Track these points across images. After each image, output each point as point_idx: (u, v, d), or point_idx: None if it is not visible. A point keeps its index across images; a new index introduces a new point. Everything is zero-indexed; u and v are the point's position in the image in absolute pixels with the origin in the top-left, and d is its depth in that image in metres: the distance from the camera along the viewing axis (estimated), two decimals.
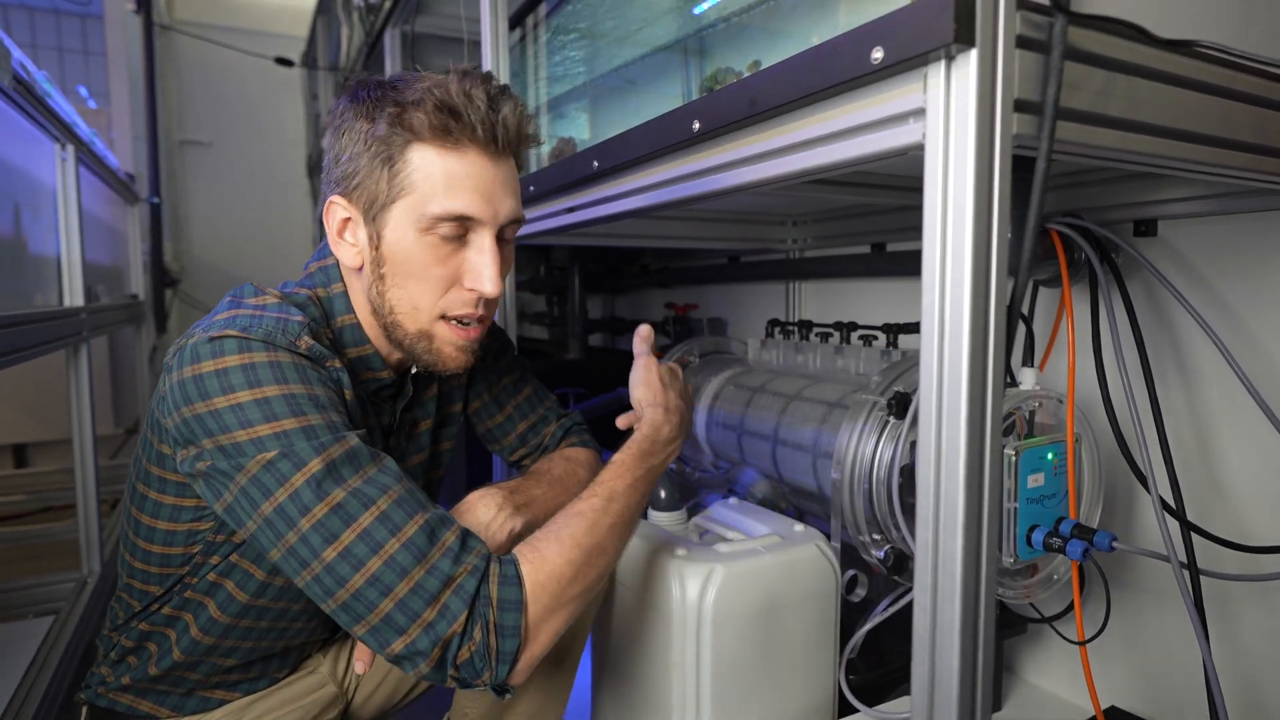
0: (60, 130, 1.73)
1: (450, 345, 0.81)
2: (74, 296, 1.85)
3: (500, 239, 0.80)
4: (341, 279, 0.84)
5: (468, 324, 0.81)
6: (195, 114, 4.90)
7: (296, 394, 0.68)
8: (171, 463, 0.73)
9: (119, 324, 2.59)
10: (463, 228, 0.77)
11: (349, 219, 0.80)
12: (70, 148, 1.82)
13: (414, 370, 0.90)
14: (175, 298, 4.53)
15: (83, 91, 4.16)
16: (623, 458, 0.84)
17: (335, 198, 0.79)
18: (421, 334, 0.80)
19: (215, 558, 0.79)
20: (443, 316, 0.80)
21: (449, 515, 0.72)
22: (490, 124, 0.75)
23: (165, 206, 4.08)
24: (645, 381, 0.94)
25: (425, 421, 0.96)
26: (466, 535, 0.70)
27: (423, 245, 0.76)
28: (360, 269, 0.81)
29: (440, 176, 0.75)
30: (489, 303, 0.81)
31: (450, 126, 0.74)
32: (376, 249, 0.78)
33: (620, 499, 0.79)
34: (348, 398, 0.76)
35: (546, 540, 0.72)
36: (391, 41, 2.41)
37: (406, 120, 0.74)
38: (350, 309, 0.83)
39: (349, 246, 0.80)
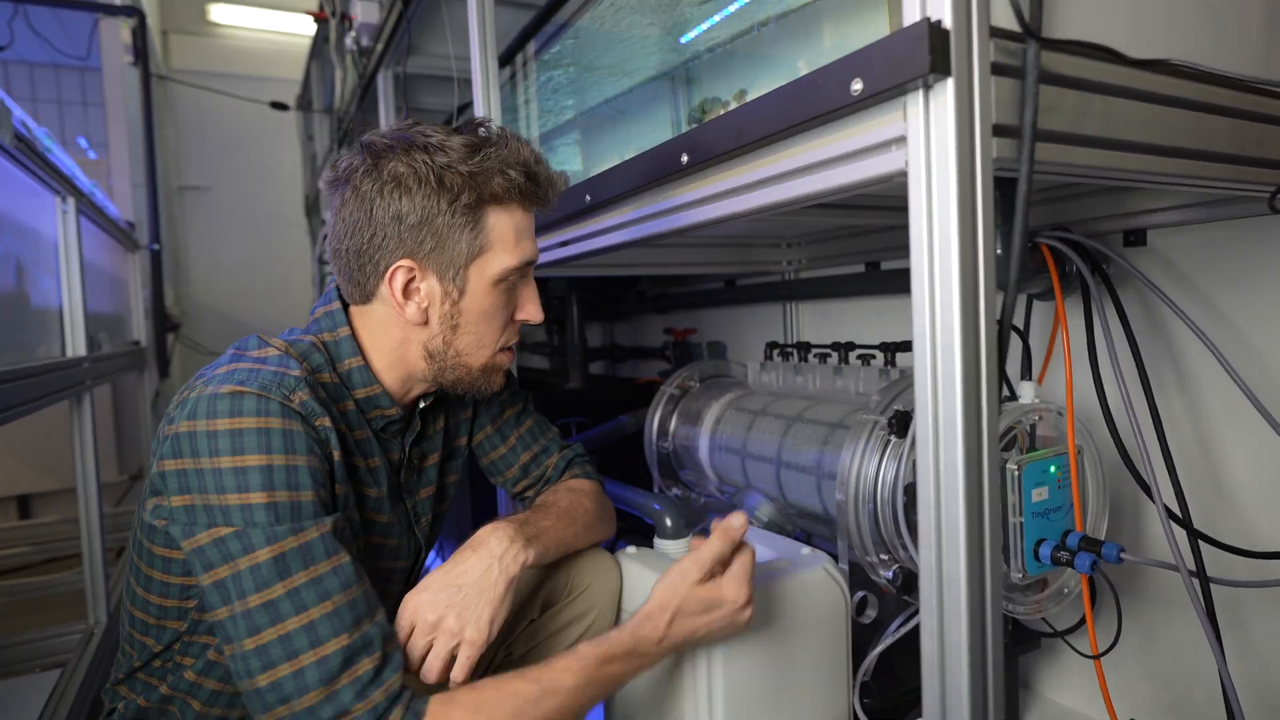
0: (61, 184, 1.75)
1: (502, 371, 0.91)
2: (76, 347, 1.86)
3: None
4: (349, 323, 0.86)
5: (512, 348, 0.92)
6: (193, 160, 4.97)
7: (275, 465, 0.70)
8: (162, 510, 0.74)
9: (121, 371, 2.60)
10: (523, 271, 0.87)
11: (413, 278, 0.82)
12: (71, 200, 1.85)
13: (422, 405, 0.92)
14: (177, 342, 4.55)
15: (82, 143, 4.22)
16: (585, 651, 0.76)
17: (405, 261, 0.81)
18: (485, 369, 0.88)
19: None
20: (502, 349, 0.90)
21: (377, 638, 0.70)
22: (549, 180, 0.86)
23: (165, 252, 4.11)
24: (671, 587, 0.80)
25: (433, 455, 0.98)
26: (383, 667, 0.70)
27: (496, 294, 0.85)
28: (424, 323, 0.85)
29: (511, 232, 0.83)
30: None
31: (529, 189, 0.83)
32: (455, 304, 0.84)
33: (557, 698, 0.72)
34: (336, 458, 0.76)
35: (463, 706, 0.70)
36: (384, 83, 2.45)
37: (490, 187, 0.80)
38: (357, 352, 0.85)
39: (415, 305, 0.84)
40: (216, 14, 5.09)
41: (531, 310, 0.90)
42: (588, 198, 1.09)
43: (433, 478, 0.97)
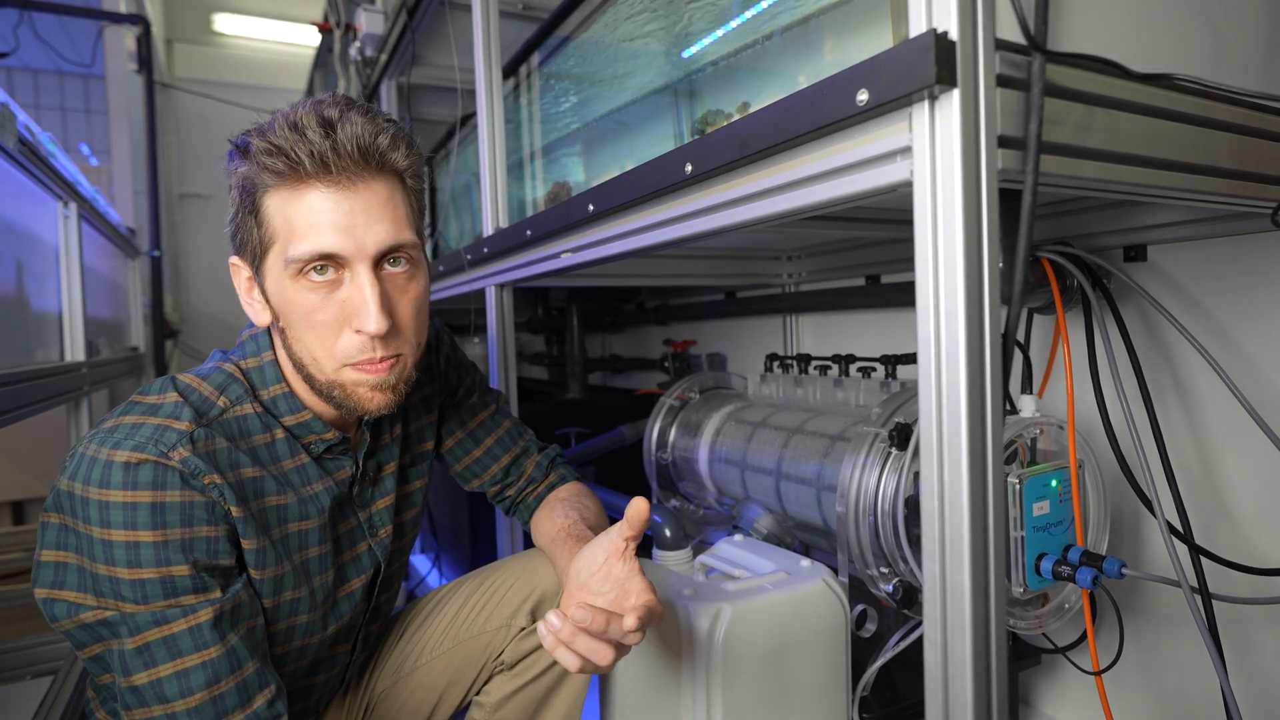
0: (63, 189, 1.76)
1: (363, 387, 0.75)
2: (75, 351, 1.86)
3: (386, 265, 0.75)
4: (271, 346, 0.81)
5: (374, 365, 0.75)
6: (195, 168, 4.99)
7: (142, 543, 0.67)
8: None
9: (120, 377, 2.60)
10: (334, 266, 0.72)
11: (249, 276, 0.78)
12: (73, 205, 1.85)
13: (365, 418, 0.88)
14: (175, 348, 4.55)
15: (84, 149, 4.24)
16: None
17: (233, 258, 0.78)
18: (331, 384, 0.76)
19: None
20: (344, 365, 0.75)
21: None
22: (323, 153, 0.70)
23: (165, 259, 4.12)
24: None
25: (390, 465, 0.93)
26: None
27: (299, 292, 0.73)
28: (270, 325, 0.79)
29: (293, 219, 0.71)
30: (387, 340, 0.75)
31: (281, 168, 0.70)
32: (266, 303, 0.77)
33: None
34: (236, 513, 0.72)
35: None
36: (388, 93, 2.47)
37: (253, 170, 0.73)
38: (280, 377, 0.80)
39: (255, 304, 0.79)
40: (221, 24, 5.13)
41: (362, 318, 0.72)
42: (591, 207, 1.09)
43: (390, 487, 0.93)
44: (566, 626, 0.68)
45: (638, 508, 0.74)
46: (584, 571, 0.77)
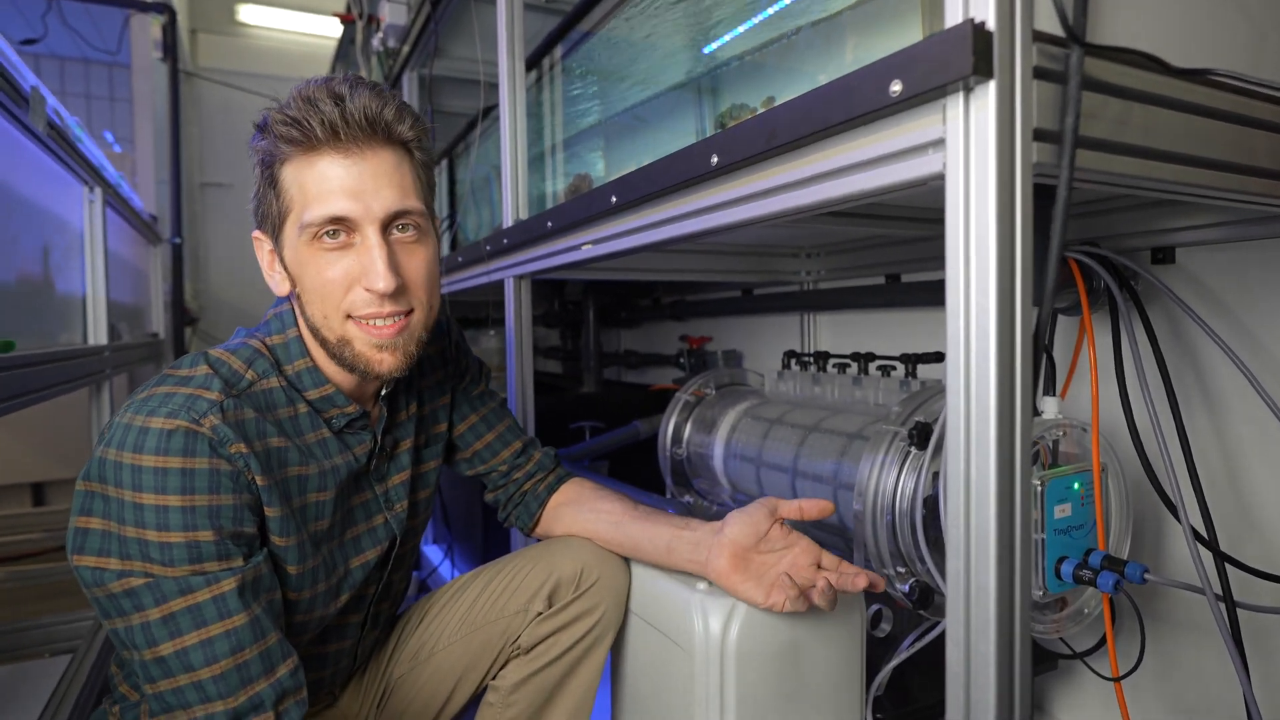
0: (89, 174, 1.78)
1: (366, 345, 0.80)
2: (98, 335, 1.88)
3: (394, 231, 0.80)
4: (295, 323, 0.85)
5: (380, 323, 0.80)
6: (216, 157, 5.03)
7: (170, 506, 0.69)
8: None
9: (140, 362, 2.63)
10: (344, 230, 0.78)
11: (272, 249, 0.84)
12: (98, 190, 1.87)
13: (384, 391, 0.91)
14: (194, 336, 4.59)
15: (108, 136, 4.27)
16: None
17: (256, 232, 0.85)
18: (340, 341, 0.81)
19: None
20: (349, 317, 0.80)
21: (270, 699, 0.71)
22: (333, 121, 0.75)
23: (186, 246, 4.16)
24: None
25: (405, 442, 0.96)
26: None
27: (312, 254, 0.79)
28: (289, 295, 0.84)
29: (307, 185, 0.77)
30: (395, 297, 0.79)
31: (296, 136, 0.76)
32: (284, 269, 0.83)
33: None
34: (260, 483, 0.75)
35: None
36: (410, 84, 2.47)
37: (269, 142, 0.79)
38: (305, 352, 0.84)
39: (276, 275, 0.84)
40: (245, 14, 5.16)
41: (370, 277, 0.77)
42: (613, 198, 1.09)
43: (406, 464, 0.96)
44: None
45: (823, 507, 0.91)
46: (749, 536, 0.92)
